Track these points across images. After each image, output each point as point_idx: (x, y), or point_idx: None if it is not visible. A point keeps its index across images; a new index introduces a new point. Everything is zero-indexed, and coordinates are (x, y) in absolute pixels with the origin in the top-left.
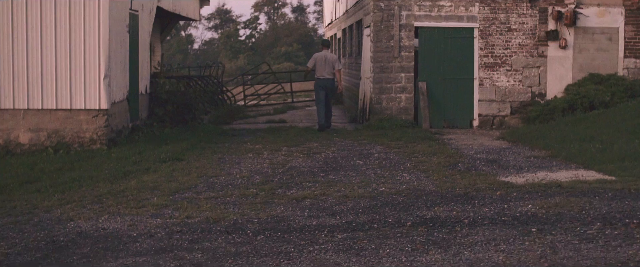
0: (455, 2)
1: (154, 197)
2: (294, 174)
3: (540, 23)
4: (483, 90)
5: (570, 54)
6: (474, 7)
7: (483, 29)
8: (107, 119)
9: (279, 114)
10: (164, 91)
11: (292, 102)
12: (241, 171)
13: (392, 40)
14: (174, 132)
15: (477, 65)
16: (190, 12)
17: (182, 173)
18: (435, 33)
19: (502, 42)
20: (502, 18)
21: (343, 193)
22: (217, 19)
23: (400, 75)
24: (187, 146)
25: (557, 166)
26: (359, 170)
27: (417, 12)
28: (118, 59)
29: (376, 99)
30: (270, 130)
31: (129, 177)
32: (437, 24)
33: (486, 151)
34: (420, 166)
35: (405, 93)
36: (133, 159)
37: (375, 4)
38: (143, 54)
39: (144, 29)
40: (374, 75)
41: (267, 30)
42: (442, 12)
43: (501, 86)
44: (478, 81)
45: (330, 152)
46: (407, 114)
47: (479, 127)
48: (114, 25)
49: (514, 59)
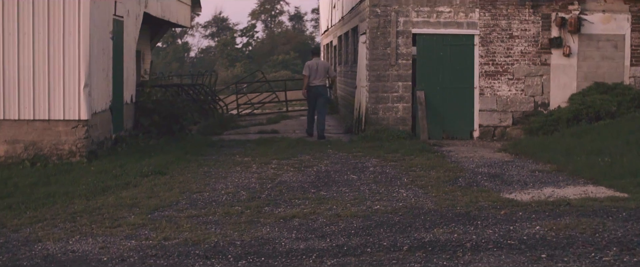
0: (454, 8)
1: (131, 216)
2: (283, 190)
3: (543, 30)
4: (484, 100)
5: (574, 62)
6: (474, 13)
7: (484, 36)
8: (88, 130)
9: (271, 124)
10: (151, 100)
11: (286, 112)
12: (227, 186)
13: (389, 47)
14: (159, 144)
15: (478, 74)
16: (180, 18)
17: (164, 188)
18: (434, 40)
19: (504, 50)
20: (503, 24)
21: (335, 212)
22: (213, 26)
23: (398, 84)
24: (172, 159)
25: (563, 181)
26: (352, 185)
27: (415, 18)
28: (100, 66)
29: (372, 108)
30: (261, 142)
31: (107, 193)
32: (436, 30)
33: (488, 165)
34: (418, 180)
35: (402, 103)
36: (113, 172)
37: (371, 9)
38: (128, 62)
39: (130, 35)
40: (370, 84)
41: (264, 38)
42: (441, 18)
43: (502, 96)
44: (478, 90)
45: (323, 166)
46: (405, 124)
47: (479, 138)
48: (95, 31)
49: (516, 68)
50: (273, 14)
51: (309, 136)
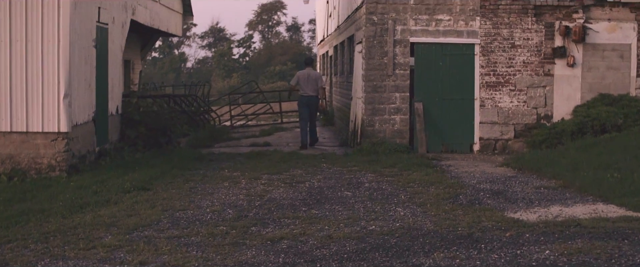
0: (454, 16)
1: (108, 236)
2: (273, 208)
3: (546, 39)
4: (484, 112)
5: (578, 72)
6: (474, 22)
7: (484, 45)
8: (68, 143)
9: (264, 136)
10: (137, 112)
11: (281, 123)
12: (213, 204)
13: (386, 57)
14: (145, 157)
15: (478, 85)
16: (171, 27)
17: (146, 206)
18: (433, 49)
19: (505, 60)
20: (505, 33)
21: (327, 233)
22: (210, 37)
23: (395, 95)
24: (157, 173)
25: (571, 199)
26: (346, 203)
27: (413, 27)
28: (82, 76)
29: (368, 121)
30: (252, 155)
31: (85, 210)
32: (435, 39)
33: (490, 180)
34: (417, 198)
35: (399, 114)
36: (94, 188)
37: (367, 17)
38: (114, 71)
39: (116, 43)
40: (365, 95)
41: (261, 49)
42: (440, 26)
43: (504, 107)
44: (479, 102)
45: (316, 181)
46: (402, 137)
47: (479, 151)
48: (76, 38)
49: (518, 78)
50: (270, 25)
51: (303, 148)
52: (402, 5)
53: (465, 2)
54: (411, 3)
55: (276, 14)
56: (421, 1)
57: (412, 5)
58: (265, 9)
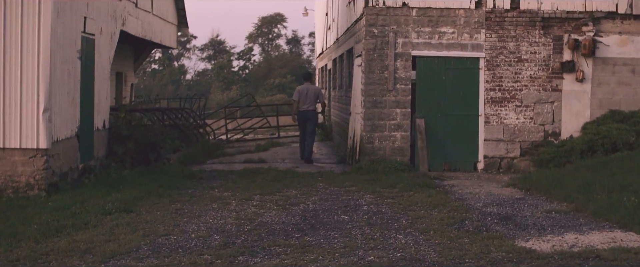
0: (458, 29)
1: (82, 265)
2: (263, 234)
3: (554, 53)
4: (489, 129)
5: (588, 87)
6: (479, 35)
7: (490, 59)
8: (47, 160)
9: (260, 152)
10: (125, 126)
11: (278, 138)
12: (199, 228)
13: (387, 71)
14: (132, 175)
15: (483, 100)
16: (165, 38)
17: (127, 230)
18: (436, 63)
19: (512, 74)
20: (511, 47)
21: (321, 264)
22: (210, 49)
23: (395, 111)
24: (142, 193)
25: (586, 225)
26: (343, 228)
27: (415, 40)
28: (64, 89)
29: (367, 137)
30: (245, 173)
31: (60, 234)
32: (438, 53)
33: (497, 203)
34: (419, 223)
35: (400, 131)
36: (73, 209)
37: (367, 29)
38: (101, 84)
39: (103, 55)
40: (365, 111)
41: (261, 62)
42: (444, 39)
43: (510, 124)
44: (484, 118)
45: (311, 203)
46: (403, 154)
47: (484, 170)
48: (58, 50)
49: (525, 94)
50: (270, 38)
51: (301, 161)
52: (404, 16)
53: (469, 14)
54: (413, 15)
55: (276, 27)
56: (424, 13)
57: (414, 17)
58: (266, 22)
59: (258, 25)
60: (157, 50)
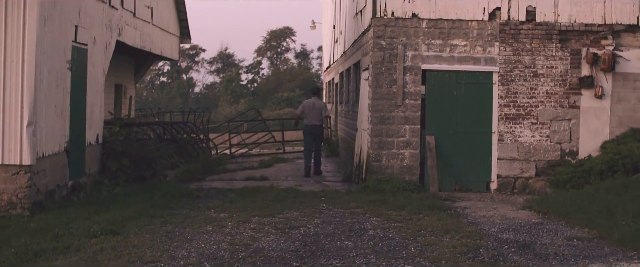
0: (471, 42)
1: None
2: (258, 262)
3: (572, 67)
4: (503, 147)
5: (607, 104)
6: (493, 48)
7: (504, 73)
8: (31, 178)
9: (263, 168)
10: (119, 141)
11: (282, 153)
12: (190, 254)
13: (395, 85)
14: (124, 193)
15: (496, 117)
16: (166, 50)
17: (111, 255)
18: (447, 77)
19: (527, 90)
20: (526, 61)
21: None
22: (219, 62)
23: (404, 128)
24: (133, 213)
25: (612, 255)
26: (346, 257)
27: (425, 53)
28: (51, 101)
29: (374, 155)
30: (245, 192)
31: (39, 259)
32: (449, 66)
33: (513, 228)
34: (429, 250)
35: (409, 149)
36: (56, 231)
37: (375, 41)
38: (94, 97)
39: (97, 66)
40: (372, 127)
41: (270, 75)
42: (455, 52)
43: (525, 142)
44: (497, 136)
45: (313, 227)
46: (412, 173)
47: (497, 190)
48: (45, 60)
49: (541, 110)
50: (279, 51)
51: (306, 176)
52: (414, 28)
53: (483, 26)
54: (423, 26)
55: (285, 41)
56: (434, 24)
57: (424, 28)
58: (274, 36)
59: (267, 38)
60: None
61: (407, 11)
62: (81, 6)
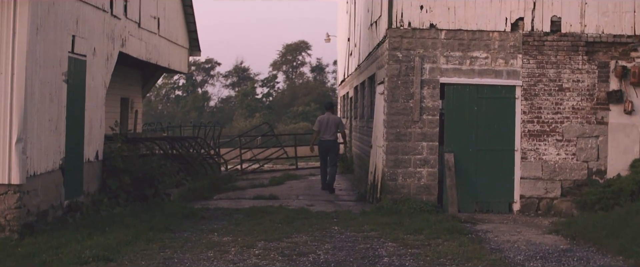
0: (492, 54)
1: None
2: None
3: (599, 81)
4: (526, 165)
5: (637, 120)
6: (515, 60)
7: (527, 87)
8: (21, 198)
9: (273, 186)
10: (121, 158)
11: (296, 169)
12: None
13: (412, 99)
14: (124, 213)
15: (519, 134)
16: (174, 62)
17: None
18: (467, 92)
19: (551, 105)
20: (551, 74)
21: None
22: (234, 76)
23: (421, 145)
24: (129, 237)
25: None
26: None
27: (444, 65)
28: (45, 116)
29: (390, 174)
30: (253, 212)
31: None
32: (469, 80)
33: (540, 255)
34: None
35: (427, 167)
36: (44, 257)
37: (390, 53)
38: (94, 111)
39: (97, 78)
40: (387, 144)
41: (285, 89)
42: (476, 65)
43: (549, 160)
44: (520, 153)
45: (322, 253)
46: (429, 193)
47: (520, 212)
48: (37, 71)
49: (566, 127)
50: (294, 65)
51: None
52: (431, 39)
53: (505, 38)
54: (442, 37)
55: (301, 54)
56: (454, 35)
57: (443, 39)
58: (290, 49)
59: (282, 52)
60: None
61: (425, 21)
62: (79, 15)
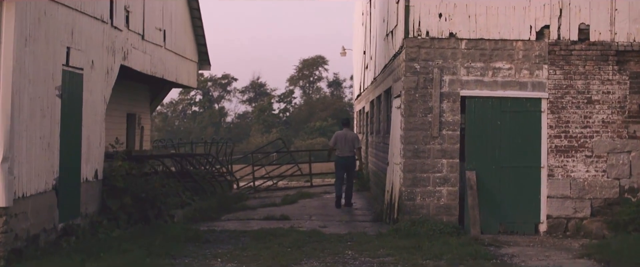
0: (516, 64)
1: None
2: None
3: (631, 93)
4: (553, 183)
5: None
6: (541, 71)
7: (554, 100)
8: (7, 222)
9: (286, 205)
10: (121, 177)
11: (310, 186)
12: None
13: (430, 113)
14: (123, 237)
15: (546, 149)
16: (182, 77)
17: None
18: (489, 105)
19: (580, 118)
20: (579, 86)
21: None
22: (251, 92)
23: (441, 162)
24: (125, 264)
25: None
26: None
27: (465, 77)
28: (35, 133)
29: (408, 193)
30: (261, 235)
31: None
32: (492, 92)
33: None
34: None
35: (447, 186)
36: None
37: (407, 65)
38: (92, 127)
39: (96, 93)
40: (405, 161)
41: (302, 105)
42: (499, 76)
43: (578, 178)
44: (547, 170)
45: None
46: (450, 214)
47: (547, 233)
48: (26, 85)
49: (596, 141)
50: (311, 80)
51: (337, 206)
52: (451, 49)
53: (529, 47)
54: (462, 47)
55: (317, 69)
56: (475, 45)
57: (463, 49)
58: (307, 64)
59: (299, 67)
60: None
61: (444, 30)
62: (74, 25)
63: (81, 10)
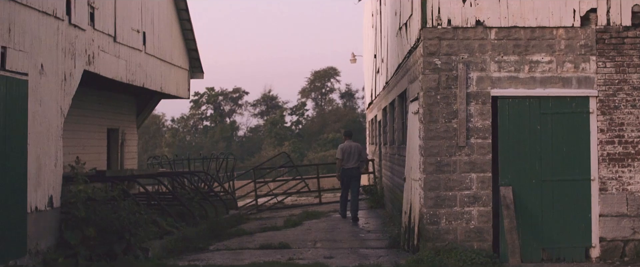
0: (557, 57)
1: None
2: None
3: None
4: (607, 199)
5: None
6: (588, 64)
7: (604, 98)
8: None
9: (289, 228)
10: (83, 205)
11: (318, 203)
12: None
13: (455, 119)
14: None
15: (596, 158)
16: (169, 86)
17: None
18: (526, 106)
19: (637, 120)
20: (635, 80)
21: None
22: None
23: (470, 177)
24: None
25: None
26: None
27: (496, 73)
28: None
29: (430, 215)
30: None
31: None
32: (529, 91)
33: None
34: None
35: (477, 205)
36: None
37: (426, 60)
38: (44, 144)
39: (48, 104)
40: (425, 177)
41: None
42: (537, 72)
43: (637, 191)
44: (598, 184)
45: None
46: (482, 239)
47: (601, 258)
48: None
49: None
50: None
51: (342, 219)
52: (479, 41)
53: (573, 35)
54: (492, 37)
55: (329, 81)
56: (507, 34)
57: (493, 40)
58: (318, 76)
59: (311, 79)
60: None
61: (469, 18)
62: (13, 20)
63: (23, 3)
